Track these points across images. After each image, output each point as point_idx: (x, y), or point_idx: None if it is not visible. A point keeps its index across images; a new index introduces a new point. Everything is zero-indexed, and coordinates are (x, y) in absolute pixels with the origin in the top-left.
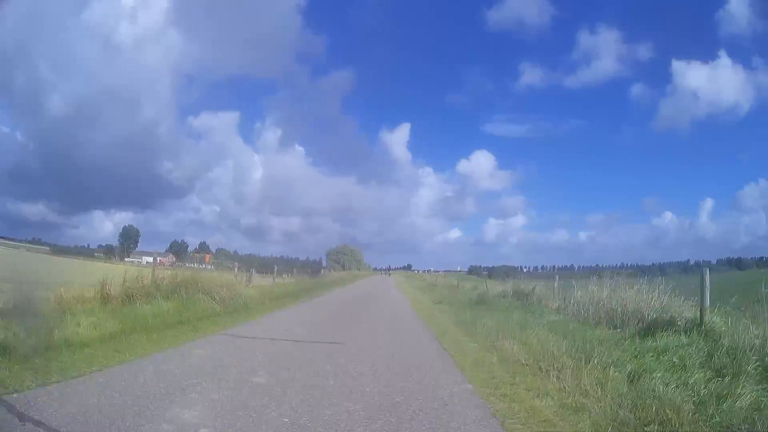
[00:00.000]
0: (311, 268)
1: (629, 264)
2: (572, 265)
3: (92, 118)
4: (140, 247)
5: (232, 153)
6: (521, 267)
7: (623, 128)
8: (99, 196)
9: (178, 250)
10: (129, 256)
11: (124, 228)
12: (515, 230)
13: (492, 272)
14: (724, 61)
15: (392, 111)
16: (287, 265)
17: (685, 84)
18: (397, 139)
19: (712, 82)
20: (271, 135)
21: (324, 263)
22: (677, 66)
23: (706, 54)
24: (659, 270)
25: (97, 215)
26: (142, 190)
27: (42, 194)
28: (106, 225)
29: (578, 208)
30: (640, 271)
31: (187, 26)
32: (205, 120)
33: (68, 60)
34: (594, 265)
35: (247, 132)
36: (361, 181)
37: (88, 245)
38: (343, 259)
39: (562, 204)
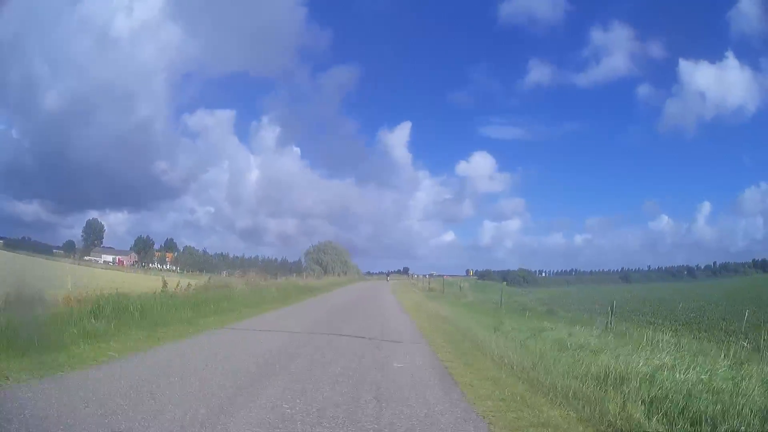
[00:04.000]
0: (270, 272)
1: (624, 268)
2: (572, 269)
3: (87, 116)
4: (105, 242)
5: (227, 153)
6: (538, 271)
7: (627, 130)
8: (94, 196)
9: (143, 247)
10: (89, 254)
11: (88, 222)
12: (513, 233)
13: (506, 277)
14: (732, 62)
15: (392, 111)
16: (263, 267)
17: (691, 84)
18: (397, 139)
19: (719, 83)
20: (268, 134)
21: (303, 264)
22: (684, 66)
23: (713, 54)
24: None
25: (92, 216)
26: (136, 189)
27: (37, 193)
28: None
29: (577, 211)
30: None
31: (185, 20)
32: (200, 118)
33: (63, 55)
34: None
35: (243, 131)
36: (359, 183)
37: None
38: (325, 259)
39: (561, 207)
